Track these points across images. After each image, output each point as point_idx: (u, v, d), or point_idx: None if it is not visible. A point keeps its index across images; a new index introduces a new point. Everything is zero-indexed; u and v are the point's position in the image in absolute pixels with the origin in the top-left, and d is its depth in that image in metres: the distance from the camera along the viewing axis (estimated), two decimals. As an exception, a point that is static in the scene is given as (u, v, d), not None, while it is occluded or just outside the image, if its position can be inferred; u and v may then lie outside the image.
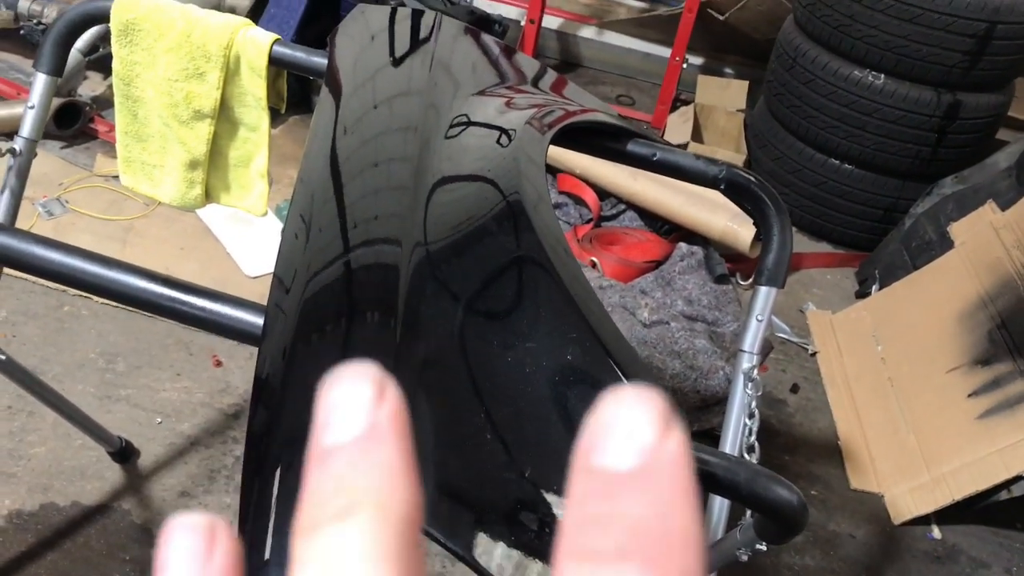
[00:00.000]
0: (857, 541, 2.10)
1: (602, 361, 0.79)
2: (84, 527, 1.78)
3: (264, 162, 1.49)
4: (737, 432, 1.19)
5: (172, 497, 1.87)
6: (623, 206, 3.00)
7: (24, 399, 2.00)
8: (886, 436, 2.30)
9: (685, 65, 3.53)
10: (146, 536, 1.78)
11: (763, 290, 1.26)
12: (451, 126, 1.02)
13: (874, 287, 2.81)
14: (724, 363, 2.40)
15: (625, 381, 0.78)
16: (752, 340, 1.25)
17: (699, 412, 2.31)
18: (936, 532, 2.16)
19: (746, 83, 3.66)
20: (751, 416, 1.15)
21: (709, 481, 0.79)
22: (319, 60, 1.35)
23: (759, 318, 1.25)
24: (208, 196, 1.51)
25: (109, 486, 1.87)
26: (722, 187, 1.26)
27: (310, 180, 0.86)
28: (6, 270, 2.30)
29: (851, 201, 3.07)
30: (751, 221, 2.68)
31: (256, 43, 1.35)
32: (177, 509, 1.84)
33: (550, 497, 0.66)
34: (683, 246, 2.80)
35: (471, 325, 0.76)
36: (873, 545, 2.10)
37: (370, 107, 1.05)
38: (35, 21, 3.03)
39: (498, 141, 1.00)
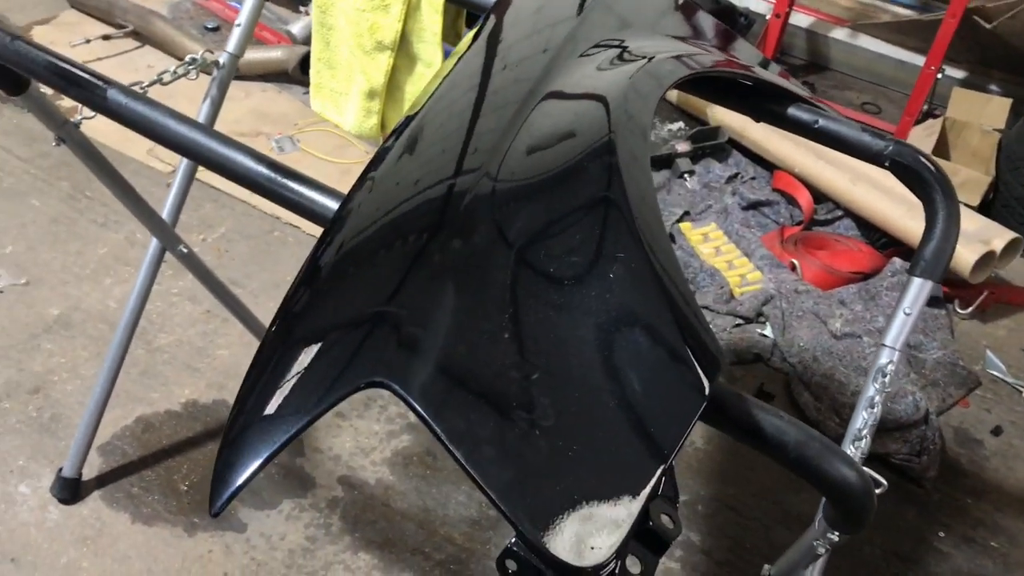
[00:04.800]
0: (1035, 606, 1.87)
1: (653, 302, 0.74)
2: (246, 427, 1.92)
3: (437, 99, 1.53)
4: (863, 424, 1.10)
5: (328, 416, 1.97)
6: (840, 212, 2.82)
7: (222, 306, 2.18)
8: (1095, 500, 2.02)
9: (940, 75, 3.26)
10: (296, 446, 1.89)
11: (916, 282, 1.15)
12: (581, 54, 1.00)
13: (1118, 337, 2.48)
14: (917, 389, 2.21)
15: (671, 317, 0.73)
16: (896, 335, 1.15)
17: (877, 434, 2.13)
18: None
19: (1009, 101, 3.33)
20: (870, 407, 1.05)
21: (758, 438, 0.72)
22: (495, -1, 1.36)
23: (907, 311, 1.15)
24: (383, 127, 1.58)
25: (276, 396, 2.00)
26: (886, 164, 1.15)
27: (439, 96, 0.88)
28: (225, 190, 2.51)
29: (1109, 240, 2.71)
30: (976, 243, 2.44)
31: (436, -23, 1.39)
32: (330, 428, 1.95)
33: (552, 407, 0.63)
34: (897, 261, 2.60)
35: (520, 239, 0.75)
36: (1053, 614, 1.86)
37: (509, 44, 1.05)
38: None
39: (614, 67, 0.97)
